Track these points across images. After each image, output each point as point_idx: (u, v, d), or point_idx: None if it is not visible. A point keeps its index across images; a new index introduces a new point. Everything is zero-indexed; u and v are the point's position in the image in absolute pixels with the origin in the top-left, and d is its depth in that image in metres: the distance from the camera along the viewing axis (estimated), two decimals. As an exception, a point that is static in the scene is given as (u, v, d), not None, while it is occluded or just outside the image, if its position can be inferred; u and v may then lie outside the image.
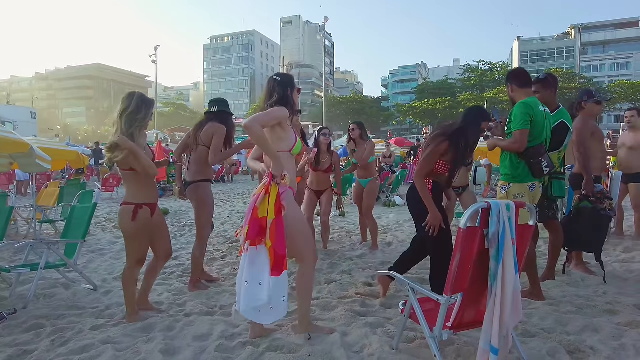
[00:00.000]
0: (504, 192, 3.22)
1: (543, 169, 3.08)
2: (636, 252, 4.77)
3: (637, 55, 66.17)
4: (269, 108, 2.56)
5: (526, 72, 3.36)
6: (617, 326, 2.74)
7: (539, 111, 3.12)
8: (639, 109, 5.46)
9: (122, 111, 2.92)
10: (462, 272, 2.04)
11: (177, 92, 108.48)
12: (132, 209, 2.91)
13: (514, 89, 3.29)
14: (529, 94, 3.23)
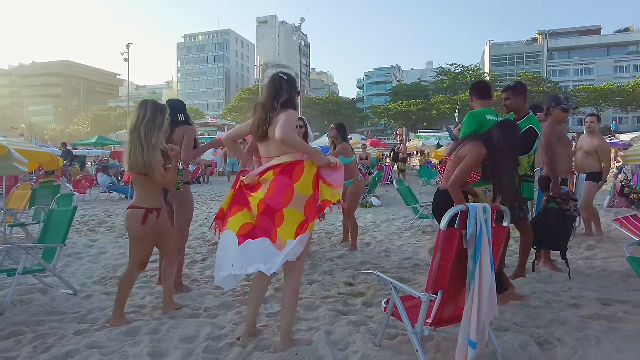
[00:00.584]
0: None
1: None
2: (598, 250, 5.07)
3: (599, 62, 69.29)
4: (278, 106, 2.54)
5: (487, 85, 3.68)
6: (581, 319, 2.94)
7: (486, 120, 3.38)
8: (599, 115, 5.83)
9: (137, 121, 2.90)
10: (442, 271, 2.16)
11: (150, 91, 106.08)
12: (142, 214, 2.96)
13: (474, 100, 3.62)
14: (486, 104, 3.52)
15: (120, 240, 6.26)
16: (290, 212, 2.42)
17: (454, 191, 3.08)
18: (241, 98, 67.51)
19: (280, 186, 2.46)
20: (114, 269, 4.65)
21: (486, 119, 3.38)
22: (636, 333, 2.67)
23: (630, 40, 71.90)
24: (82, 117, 72.36)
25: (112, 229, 7.29)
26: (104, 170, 13.49)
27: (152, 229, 3.01)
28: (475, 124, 3.35)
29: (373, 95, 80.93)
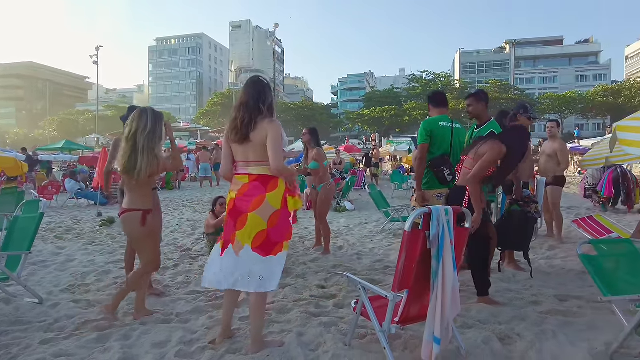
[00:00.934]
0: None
1: (446, 177, 3.55)
2: (558, 250, 5.33)
3: (562, 71, 72.52)
4: (264, 109, 2.57)
5: (443, 94, 3.96)
6: (539, 314, 3.12)
7: (438, 127, 3.63)
8: (558, 121, 6.15)
9: (137, 131, 2.96)
10: (407, 270, 2.26)
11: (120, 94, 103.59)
12: (140, 215, 3.07)
13: (431, 108, 3.87)
14: (442, 112, 3.78)
15: (89, 247, 6.12)
16: (253, 218, 2.51)
17: (473, 184, 3.18)
18: (214, 102, 66.84)
19: (252, 191, 2.55)
20: (83, 276, 4.55)
21: (439, 126, 3.63)
22: (587, 326, 2.85)
23: (589, 51, 75.63)
24: (47, 120, 69.81)
25: (80, 235, 7.10)
26: (72, 176, 13.09)
27: (151, 228, 3.16)
28: (429, 130, 3.60)
29: (347, 101, 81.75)
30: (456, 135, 3.73)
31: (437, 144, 3.62)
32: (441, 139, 3.63)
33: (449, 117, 3.76)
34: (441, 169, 3.55)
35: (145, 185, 3.10)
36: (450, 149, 3.66)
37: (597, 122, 60.39)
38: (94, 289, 4.10)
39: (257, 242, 2.51)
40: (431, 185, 3.64)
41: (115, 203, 12.17)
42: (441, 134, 3.63)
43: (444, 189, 3.61)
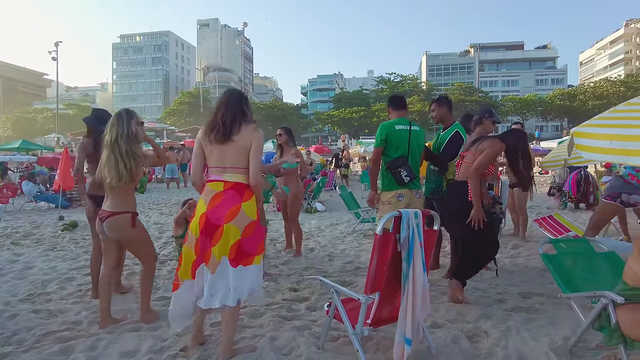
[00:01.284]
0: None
1: (403, 178, 3.66)
2: (522, 248, 5.55)
3: (523, 74, 75.55)
4: (247, 111, 2.57)
5: (402, 98, 4.08)
6: (504, 312, 3.25)
7: (394, 130, 3.74)
8: (522, 123, 6.40)
9: (117, 136, 2.98)
10: (379, 273, 2.30)
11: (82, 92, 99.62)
12: (129, 217, 3.11)
13: (390, 111, 3.97)
14: (401, 115, 3.89)
15: (50, 253, 5.85)
16: (229, 228, 2.43)
17: (474, 178, 3.32)
18: (181, 101, 65.36)
19: (228, 200, 2.45)
20: (43, 284, 4.35)
21: (395, 129, 3.74)
22: (548, 322, 3.00)
23: (547, 56, 79.15)
24: (1, 119, 66.18)
25: (40, 241, 6.78)
26: (30, 178, 12.48)
27: (141, 229, 3.25)
28: (385, 133, 3.72)
29: (317, 101, 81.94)
30: (414, 137, 3.82)
31: (393, 147, 3.72)
32: (397, 142, 3.72)
33: (408, 120, 3.86)
34: (398, 171, 3.66)
35: (129, 188, 3.13)
36: (407, 151, 3.76)
37: (556, 124, 63.26)
38: (56, 297, 3.93)
39: (232, 254, 2.44)
40: (391, 186, 3.73)
41: (78, 206, 11.72)
42: (397, 137, 3.72)
43: (404, 190, 3.71)
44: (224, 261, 2.43)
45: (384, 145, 3.73)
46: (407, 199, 3.73)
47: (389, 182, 3.75)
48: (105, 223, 3.09)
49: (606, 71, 75.36)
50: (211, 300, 2.45)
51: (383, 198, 3.80)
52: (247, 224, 2.46)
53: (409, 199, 3.74)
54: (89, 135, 3.90)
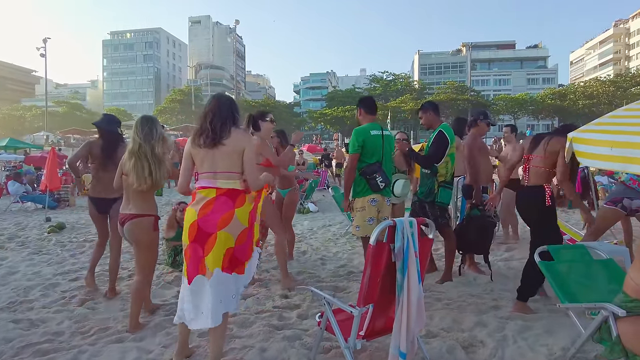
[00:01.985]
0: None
1: (378, 184, 3.63)
2: (515, 251, 5.51)
3: (515, 73, 76.09)
4: (237, 117, 2.53)
5: (373, 100, 4.01)
6: (500, 320, 3.17)
7: (370, 136, 3.69)
8: (513, 125, 6.35)
9: (145, 142, 3.04)
10: (372, 285, 2.22)
11: (72, 90, 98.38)
12: (153, 220, 3.14)
13: (362, 114, 3.88)
14: (372, 119, 3.84)
15: (34, 257, 5.69)
16: (222, 236, 2.34)
17: (566, 182, 3.22)
18: (172, 99, 64.88)
19: (220, 206, 2.36)
20: (26, 291, 4.20)
21: (370, 134, 3.69)
22: (545, 330, 2.93)
23: (538, 55, 79.78)
24: (-10, 117, 65.20)
25: (24, 244, 6.60)
26: (16, 178, 12.21)
27: (157, 235, 3.22)
28: (362, 139, 3.65)
29: (309, 99, 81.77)
30: (386, 142, 3.81)
31: (369, 153, 3.68)
32: (373, 148, 3.69)
33: (379, 125, 3.85)
34: (374, 176, 3.63)
35: (151, 191, 3.17)
36: (382, 157, 3.74)
37: (547, 123, 63.76)
38: (38, 305, 3.79)
39: (225, 262, 2.36)
40: (365, 192, 3.70)
41: (66, 206, 11.51)
42: (373, 143, 3.69)
43: (377, 195, 3.69)
44: (217, 272, 2.35)
45: (360, 152, 3.68)
46: (379, 204, 3.72)
47: (362, 188, 3.72)
48: (127, 225, 3.12)
49: (596, 71, 76.23)
50: (204, 319, 2.36)
51: (356, 205, 3.76)
52: (240, 232, 2.39)
53: (380, 204, 3.73)
54: (101, 138, 4.00)
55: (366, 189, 3.68)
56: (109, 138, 4.00)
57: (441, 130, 3.99)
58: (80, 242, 6.62)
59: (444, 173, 4.00)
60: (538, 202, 3.31)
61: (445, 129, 4.02)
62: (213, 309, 2.33)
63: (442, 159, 3.95)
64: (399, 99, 58.20)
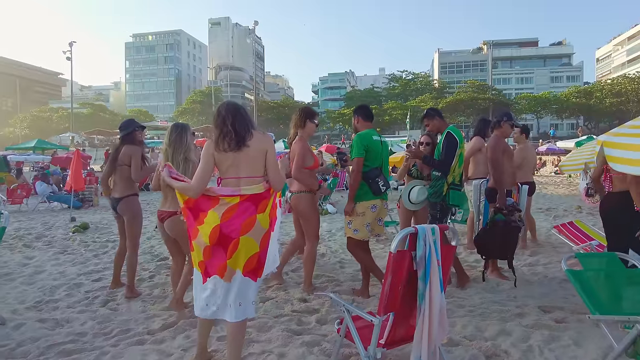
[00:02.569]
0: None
1: (380, 187, 3.69)
2: (540, 255, 5.35)
3: (537, 72, 74.32)
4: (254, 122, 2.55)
5: (370, 109, 4.06)
6: (525, 328, 3.07)
7: (372, 141, 3.75)
8: (524, 125, 6.06)
9: (177, 145, 3.41)
10: (393, 293, 2.17)
11: (96, 91, 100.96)
12: None
13: (359, 121, 3.93)
14: (369, 126, 3.90)
15: (60, 256, 5.84)
16: (246, 241, 2.33)
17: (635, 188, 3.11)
18: (193, 100, 65.84)
19: (242, 212, 2.35)
20: (52, 290, 4.31)
21: (372, 140, 3.76)
22: (573, 342, 2.81)
23: (562, 53, 77.72)
24: (18, 118, 67.31)
25: (51, 243, 6.78)
26: (43, 178, 12.58)
27: None
28: (365, 144, 3.71)
29: (328, 99, 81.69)
30: (385, 148, 3.90)
31: (371, 157, 3.74)
32: (375, 153, 3.76)
33: (376, 131, 3.92)
34: (376, 180, 3.68)
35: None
36: (381, 162, 3.80)
37: (571, 122, 62.09)
38: (63, 305, 3.88)
39: (248, 267, 2.35)
40: (366, 196, 3.72)
41: (90, 206, 11.79)
42: (374, 148, 3.76)
43: (376, 200, 3.74)
44: (238, 274, 2.35)
45: (364, 155, 3.73)
46: (379, 209, 3.79)
47: (363, 192, 3.75)
48: (166, 222, 3.45)
49: (624, 67, 73.65)
50: (224, 311, 2.38)
51: (358, 209, 3.77)
52: (262, 236, 2.39)
53: (379, 210, 3.80)
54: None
55: (367, 194, 3.73)
56: (120, 142, 4.23)
57: (449, 132, 3.98)
58: (103, 243, 6.76)
59: (455, 174, 3.98)
60: (630, 206, 3.23)
61: (453, 130, 4.02)
62: (234, 307, 2.35)
63: (453, 159, 3.92)
64: (419, 98, 57.61)
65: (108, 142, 42.89)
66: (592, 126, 53.65)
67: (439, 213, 3.98)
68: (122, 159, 4.09)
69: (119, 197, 4.10)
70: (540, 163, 26.73)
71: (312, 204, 4.04)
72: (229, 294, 2.36)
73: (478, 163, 5.38)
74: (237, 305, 2.36)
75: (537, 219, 8.12)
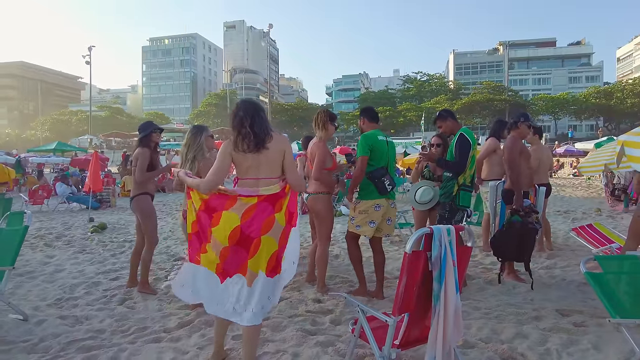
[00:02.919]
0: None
1: (386, 187, 3.72)
2: (558, 259, 5.26)
3: (555, 72, 73.00)
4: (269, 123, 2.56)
5: (374, 111, 4.14)
6: (542, 332, 3.02)
7: (377, 141, 3.79)
8: (537, 126, 5.93)
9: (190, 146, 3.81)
10: (408, 294, 2.16)
11: (114, 94, 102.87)
12: None
13: (365, 122, 4.00)
14: (374, 127, 3.94)
15: (79, 255, 5.97)
16: (267, 240, 2.37)
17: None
18: (208, 103, 66.58)
19: (261, 212, 2.38)
20: (71, 288, 4.41)
21: (377, 140, 3.80)
22: (592, 346, 2.76)
23: (581, 53, 76.20)
24: (40, 121, 69.06)
25: (70, 242, 6.93)
26: (63, 179, 12.88)
27: None
28: (370, 144, 3.76)
29: (342, 101, 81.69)
30: (391, 148, 3.91)
31: (376, 157, 3.78)
32: (380, 152, 3.79)
33: (382, 132, 3.95)
34: (382, 180, 3.72)
35: None
36: (387, 162, 3.83)
37: (590, 123, 60.82)
38: (83, 302, 3.96)
39: (270, 265, 2.39)
40: (371, 195, 3.76)
41: (107, 207, 12.02)
42: (380, 148, 3.79)
43: (381, 200, 3.76)
44: (261, 276, 2.37)
45: (369, 155, 3.78)
46: (384, 209, 3.80)
47: (368, 191, 3.79)
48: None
49: (646, 67, 71.86)
50: (242, 316, 2.36)
51: (360, 207, 3.82)
52: (281, 233, 2.43)
53: (385, 209, 3.80)
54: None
55: (373, 193, 3.76)
56: (137, 144, 4.37)
57: (462, 134, 3.97)
58: (120, 243, 6.88)
59: (466, 175, 3.95)
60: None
61: (466, 132, 3.99)
62: (255, 309, 2.35)
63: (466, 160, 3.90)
64: (434, 99, 57.23)
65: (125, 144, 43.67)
66: (613, 127, 52.46)
67: (448, 213, 3.97)
68: (133, 161, 4.26)
69: (131, 196, 4.29)
70: (558, 165, 26.28)
71: (328, 205, 4.09)
72: (251, 297, 2.36)
73: (493, 164, 5.33)
74: (260, 308, 2.36)
75: (555, 222, 8.01)
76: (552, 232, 6.49)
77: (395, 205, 3.99)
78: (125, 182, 16.09)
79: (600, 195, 13.25)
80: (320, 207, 4.02)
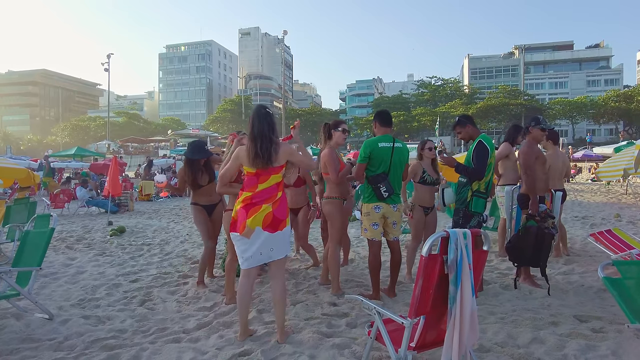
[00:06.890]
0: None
1: (382, 193, 3.81)
2: (575, 264, 5.19)
3: (572, 76, 71.71)
4: (275, 139, 2.97)
5: (389, 114, 4.21)
6: (560, 337, 3.00)
7: (378, 148, 3.87)
8: (553, 130, 5.77)
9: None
10: (424, 296, 2.19)
11: (131, 101, 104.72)
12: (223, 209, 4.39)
13: (377, 126, 4.09)
14: (386, 131, 4.02)
15: (99, 258, 6.12)
16: (287, 221, 3.03)
17: None
18: (224, 109, 67.23)
19: (284, 201, 3.03)
20: (93, 289, 4.54)
21: (378, 146, 3.87)
22: (611, 352, 2.73)
23: (600, 56, 74.72)
24: (60, 126, 70.73)
25: (90, 245, 7.11)
26: (83, 184, 13.20)
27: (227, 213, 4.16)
28: (369, 151, 3.84)
29: (355, 106, 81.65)
30: (396, 154, 3.91)
31: (376, 163, 3.84)
32: (380, 159, 3.84)
33: (391, 137, 3.97)
34: (378, 186, 3.80)
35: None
36: (389, 168, 3.86)
37: (609, 128, 59.55)
38: (104, 303, 4.08)
39: (266, 222, 2.92)
40: (370, 199, 3.88)
41: (126, 211, 12.26)
42: (380, 154, 3.84)
43: (381, 203, 3.85)
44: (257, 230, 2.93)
45: (367, 162, 3.87)
46: (384, 210, 3.88)
47: (369, 195, 3.91)
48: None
49: (667, 70, 70.15)
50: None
51: (364, 209, 3.95)
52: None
53: (385, 210, 3.88)
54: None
55: (372, 197, 3.88)
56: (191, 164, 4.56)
57: (481, 140, 3.98)
58: (139, 246, 7.03)
59: (478, 182, 3.95)
60: None
61: (485, 138, 4.00)
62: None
63: (485, 167, 3.90)
64: (449, 104, 56.82)
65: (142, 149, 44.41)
66: (633, 131, 51.31)
67: (462, 220, 3.96)
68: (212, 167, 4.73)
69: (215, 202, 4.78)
70: (575, 170, 25.83)
71: (340, 210, 4.19)
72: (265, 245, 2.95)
73: (506, 169, 5.30)
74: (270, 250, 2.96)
75: (573, 227, 7.90)
76: (570, 237, 6.43)
77: (399, 209, 3.98)
78: (143, 187, 16.39)
79: (620, 201, 13.00)
80: (331, 209, 4.17)
